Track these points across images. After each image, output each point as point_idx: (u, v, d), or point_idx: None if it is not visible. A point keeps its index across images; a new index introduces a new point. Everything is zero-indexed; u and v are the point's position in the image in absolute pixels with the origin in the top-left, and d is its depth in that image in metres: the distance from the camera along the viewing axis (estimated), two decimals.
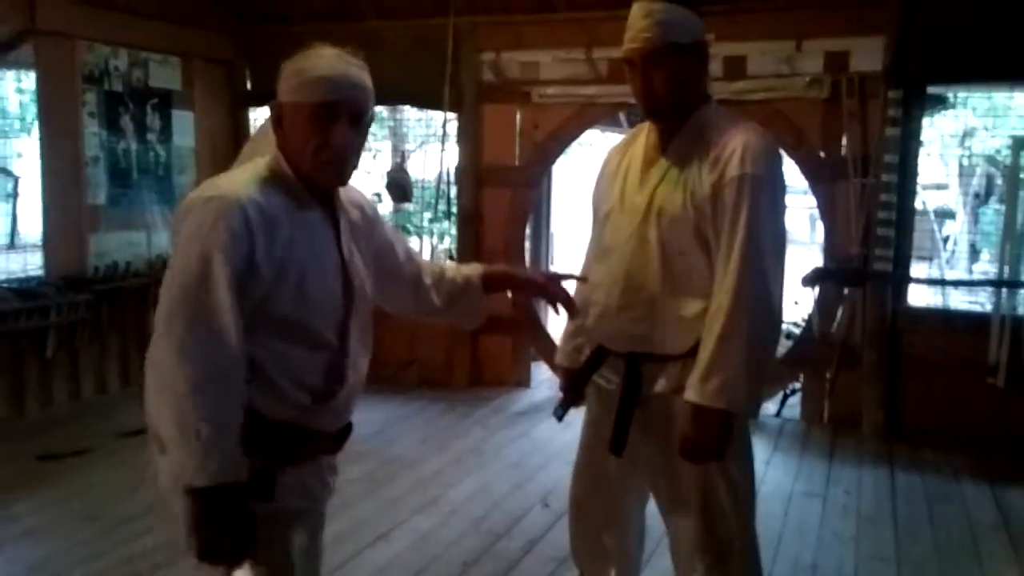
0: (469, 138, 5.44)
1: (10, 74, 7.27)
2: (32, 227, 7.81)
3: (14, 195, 10.26)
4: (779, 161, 2.05)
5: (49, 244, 4.86)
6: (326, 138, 1.57)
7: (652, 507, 2.27)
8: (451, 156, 5.52)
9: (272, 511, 1.61)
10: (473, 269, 2.07)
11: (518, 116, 5.39)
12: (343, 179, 1.67)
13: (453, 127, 5.48)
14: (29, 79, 5.36)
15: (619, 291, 2.07)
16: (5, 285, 4.64)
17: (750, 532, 2.12)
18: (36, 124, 4.97)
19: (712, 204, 1.95)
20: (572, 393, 2.29)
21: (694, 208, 1.97)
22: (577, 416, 2.33)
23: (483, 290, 2.04)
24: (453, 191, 5.56)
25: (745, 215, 1.91)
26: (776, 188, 1.99)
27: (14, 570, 3.07)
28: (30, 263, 5.44)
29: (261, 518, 1.56)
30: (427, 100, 5.57)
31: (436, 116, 5.75)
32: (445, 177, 5.56)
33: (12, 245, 8.72)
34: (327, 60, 1.59)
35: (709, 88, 2.11)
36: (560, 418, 2.28)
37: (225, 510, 1.48)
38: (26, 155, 9.27)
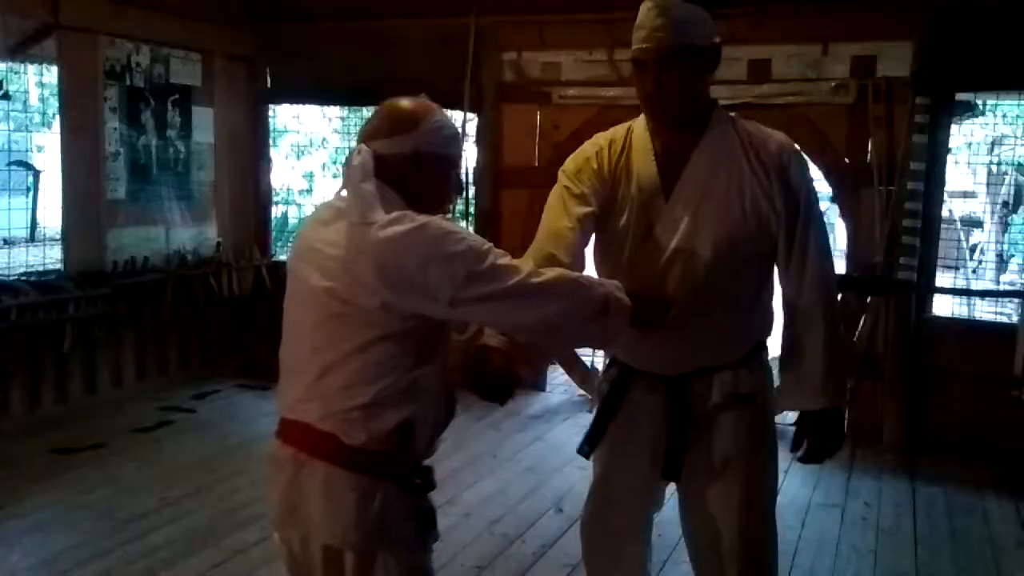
0: (489, 138, 5.41)
1: (32, 68, 7.30)
2: (52, 221, 7.85)
3: (34, 189, 10.33)
4: None
5: (68, 238, 4.88)
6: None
7: (669, 514, 2.23)
8: (470, 156, 5.50)
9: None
10: None
11: (538, 117, 5.35)
12: None
13: (472, 127, 5.46)
14: (51, 73, 5.36)
15: None
16: (24, 279, 4.66)
17: (776, 539, 2.09)
18: (57, 118, 4.98)
19: (780, 214, 1.92)
20: (599, 425, 2.15)
21: (757, 222, 1.92)
22: (584, 420, 2.26)
23: None
24: (472, 191, 5.53)
25: (814, 222, 1.95)
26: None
27: (27, 564, 3.08)
28: (49, 257, 5.45)
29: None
30: (447, 100, 5.52)
31: (456, 116, 5.72)
32: (464, 177, 5.53)
33: (32, 239, 8.76)
34: (444, 113, 1.73)
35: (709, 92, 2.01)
36: (587, 455, 2.17)
37: None
38: (47, 149, 9.33)
